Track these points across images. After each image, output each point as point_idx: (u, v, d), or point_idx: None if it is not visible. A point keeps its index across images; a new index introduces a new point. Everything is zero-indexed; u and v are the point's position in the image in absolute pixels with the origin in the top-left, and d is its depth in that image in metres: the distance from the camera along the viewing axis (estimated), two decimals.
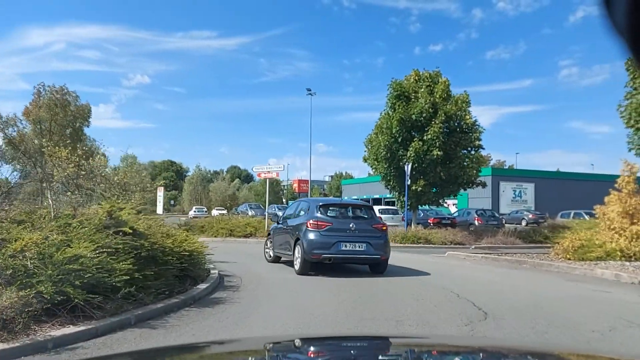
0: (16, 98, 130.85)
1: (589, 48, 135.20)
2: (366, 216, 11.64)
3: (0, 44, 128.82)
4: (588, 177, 53.71)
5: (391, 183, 23.20)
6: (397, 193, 23.46)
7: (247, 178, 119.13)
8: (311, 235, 10.68)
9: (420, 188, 21.89)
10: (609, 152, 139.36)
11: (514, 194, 49.18)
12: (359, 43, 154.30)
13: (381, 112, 23.50)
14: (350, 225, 10.85)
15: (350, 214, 11.58)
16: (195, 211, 58.91)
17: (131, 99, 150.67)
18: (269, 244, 13.55)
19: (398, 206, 24.34)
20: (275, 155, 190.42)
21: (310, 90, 54.08)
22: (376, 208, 27.75)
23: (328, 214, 11.18)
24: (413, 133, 22.21)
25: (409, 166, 21.27)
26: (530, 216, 41.16)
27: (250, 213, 45.45)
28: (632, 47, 0.49)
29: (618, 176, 14.06)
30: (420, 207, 24.47)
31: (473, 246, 20.19)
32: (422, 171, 22.16)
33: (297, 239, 11.03)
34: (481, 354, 1.96)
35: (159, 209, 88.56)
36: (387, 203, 56.84)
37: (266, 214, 24.00)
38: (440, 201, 23.64)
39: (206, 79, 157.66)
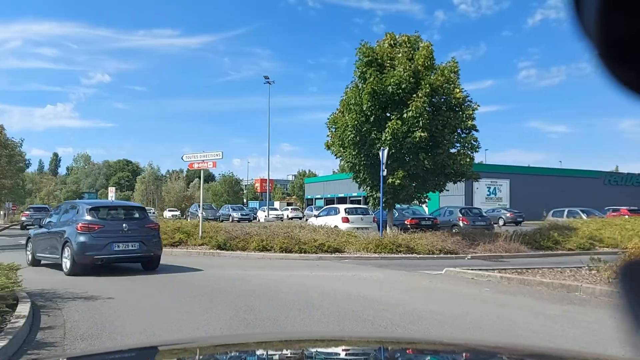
0: None
1: (547, 50, 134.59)
2: (139, 217, 11.79)
3: None
4: (559, 173, 50.11)
5: (361, 174, 17.80)
6: (368, 187, 18.08)
7: (209, 178, 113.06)
8: (82, 238, 10.59)
9: (398, 181, 16.57)
10: (567, 151, 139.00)
11: (489, 191, 44.77)
12: (324, 43, 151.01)
13: (347, 85, 18.07)
14: (123, 226, 11.04)
15: (122, 215, 11.67)
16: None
17: (91, 97, 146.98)
18: (29, 247, 12.87)
19: (370, 204, 18.92)
20: (240, 155, 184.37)
21: (268, 78, 48.50)
22: (342, 207, 22.39)
23: (99, 217, 11.12)
24: (389, 110, 16.87)
25: (385, 152, 15.92)
26: (509, 215, 36.66)
27: (199, 215, 39.40)
28: (600, 51, 0.47)
29: (588, 172, 9.02)
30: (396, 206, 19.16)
31: (469, 256, 15.01)
32: (400, 159, 16.86)
33: (66, 242, 10.83)
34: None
35: None
36: (353, 202, 51.82)
37: (200, 214, 18.24)
38: (423, 197, 18.37)
39: (169, 78, 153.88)
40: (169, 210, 61.52)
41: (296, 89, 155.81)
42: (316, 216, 23.22)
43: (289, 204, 72.47)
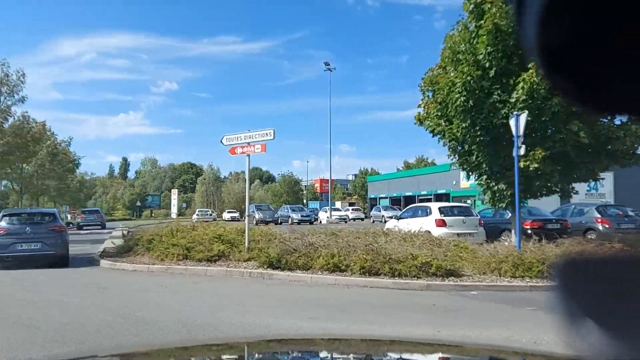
0: (49, 108, 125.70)
1: None
2: (42, 221, 13.18)
3: (34, 55, 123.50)
4: None
5: (474, 156, 11.87)
6: (484, 175, 12.17)
7: (269, 179, 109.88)
8: None
9: (535, 164, 10.58)
10: None
11: (589, 186, 37.12)
12: (383, 41, 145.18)
13: (450, 30, 12.21)
14: (28, 230, 12.59)
15: (28, 220, 13.22)
16: (198, 215, 48.18)
17: (159, 105, 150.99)
18: None
19: (486, 200, 13.01)
20: (299, 157, 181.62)
21: (328, 64, 43.22)
22: (434, 206, 16.46)
23: (7, 222, 12.81)
24: (517, 59, 10.89)
25: (522, 119, 9.96)
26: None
27: (257, 216, 34.57)
28: (541, 61, 0.48)
29: None
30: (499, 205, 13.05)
31: None
32: (539, 132, 10.88)
33: None
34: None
35: (173, 212, 78.80)
36: (422, 201, 45.61)
37: (246, 218, 13.02)
38: (568, 189, 12.21)
39: (231, 84, 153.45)
40: (228, 212, 57.56)
41: (354, 89, 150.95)
42: (397, 218, 17.45)
43: (350, 204, 66.94)
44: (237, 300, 7.87)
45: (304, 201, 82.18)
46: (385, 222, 35.61)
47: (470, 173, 12.66)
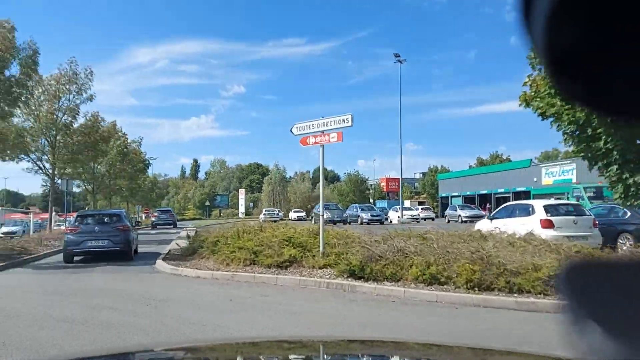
0: (127, 114, 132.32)
1: None
2: (110, 221, 14.59)
3: (112, 63, 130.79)
4: None
5: (602, 142, 9.44)
6: (613, 167, 9.71)
7: (334, 179, 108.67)
8: (68, 237, 14.03)
9: None
10: None
11: None
12: (449, 37, 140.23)
13: None
14: (96, 229, 14.03)
15: (98, 220, 14.74)
16: (265, 214, 47.41)
17: (229, 108, 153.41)
18: None
19: (617, 195, 10.54)
20: (363, 157, 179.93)
21: (398, 56, 40.91)
22: (538, 204, 13.96)
23: (82, 222, 14.59)
24: None
25: None
26: None
27: (325, 215, 33.03)
28: (549, 65, 0.48)
29: None
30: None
31: None
32: None
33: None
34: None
35: (241, 212, 79.26)
36: (499, 200, 42.22)
37: (321, 218, 11.34)
38: None
39: (296, 86, 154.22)
40: (294, 211, 56.71)
41: (419, 87, 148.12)
42: (490, 218, 15.13)
43: (420, 203, 64.08)
44: (316, 325, 6.15)
45: (370, 200, 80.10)
46: (464, 222, 33.08)
47: (594, 163, 10.20)
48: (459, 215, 35.14)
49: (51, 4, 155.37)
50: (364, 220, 33.77)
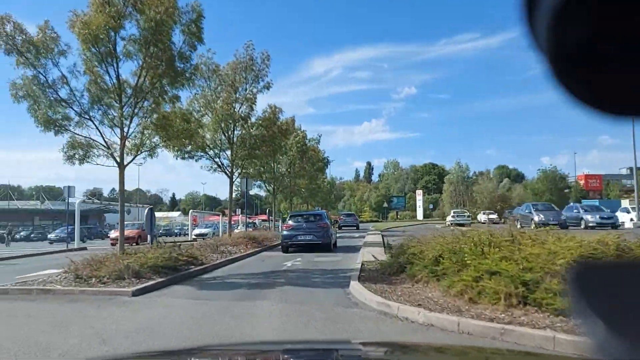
0: (306, 122, 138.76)
1: None
2: (315, 219, 17.78)
3: (293, 75, 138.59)
4: None
5: None
6: None
7: (518, 178, 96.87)
8: (284, 232, 17.74)
9: None
10: None
11: None
12: None
13: None
14: (304, 225, 17.40)
15: (306, 218, 18.01)
16: (454, 216, 41.69)
17: (399, 111, 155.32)
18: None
19: None
20: (548, 153, 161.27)
21: None
22: None
23: (294, 220, 17.87)
24: None
25: None
26: None
27: (536, 218, 26.27)
28: (553, 65, 0.48)
29: None
30: None
31: None
32: None
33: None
34: None
35: (419, 214, 74.19)
36: None
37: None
38: None
39: (470, 82, 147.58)
40: (484, 213, 49.68)
41: None
42: None
43: None
44: None
45: (570, 202, 68.15)
46: None
47: None
48: None
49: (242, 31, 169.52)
50: (589, 224, 26.13)
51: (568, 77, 0.46)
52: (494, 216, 49.04)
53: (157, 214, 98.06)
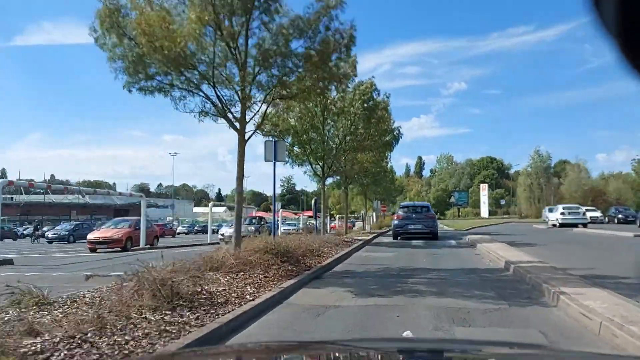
0: None
1: None
2: (422, 210, 19.64)
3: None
4: None
5: None
6: None
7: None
8: (396, 222, 19.90)
9: None
10: None
11: None
12: None
13: None
14: (413, 216, 19.23)
15: (414, 209, 19.97)
16: (564, 214, 30.39)
17: (448, 107, 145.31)
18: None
19: None
20: (605, 149, 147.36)
21: None
22: None
23: (403, 211, 19.99)
24: None
25: None
26: None
27: None
28: (622, 48, 0.46)
29: None
30: None
31: None
32: None
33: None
34: None
35: (484, 211, 62.57)
36: None
37: None
38: None
39: (524, 77, 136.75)
40: (568, 211, 36.36)
41: None
42: None
43: None
44: None
45: None
46: None
47: None
48: None
49: None
50: None
51: (635, 53, 0.43)
52: (597, 214, 37.66)
53: (197, 209, 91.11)
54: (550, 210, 40.62)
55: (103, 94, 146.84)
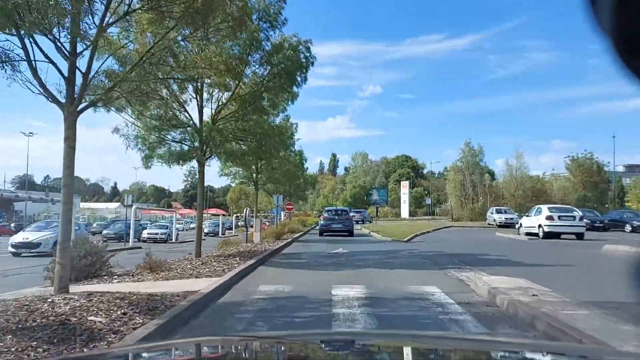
0: None
1: None
2: (343, 213, 25.22)
3: None
4: None
5: None
6: None
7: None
8: (322, 222, 24.75)
9: None
10: None
11: None
12: None
13: None
14: (336, 217, 24.25)
15: (336, 212, 25.46)
16: (553, 218, 21.64)
17: (365, 109, 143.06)
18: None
19: None
20: (504, 155, 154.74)
21: None
22: None
23: (328, 214, 25.01)
24: None
25: None
26: None
27: None
28: (617, 46, 0.46)
29: None
30: None
31: None
32: None
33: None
34: None
35: (404, 211, 54.09)
36: None
37: None
38: None
39: (435, 83, 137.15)
40: (558, 215, 29.61)
41: (570, 79, 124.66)
42: None
43: None
44: None
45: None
46: None
47: None
48: None
49: None
50: None
51: (631, 55, 0.42)
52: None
53: (94, 205, 76.00)
54: (498, 212, 32.92)
55: None
